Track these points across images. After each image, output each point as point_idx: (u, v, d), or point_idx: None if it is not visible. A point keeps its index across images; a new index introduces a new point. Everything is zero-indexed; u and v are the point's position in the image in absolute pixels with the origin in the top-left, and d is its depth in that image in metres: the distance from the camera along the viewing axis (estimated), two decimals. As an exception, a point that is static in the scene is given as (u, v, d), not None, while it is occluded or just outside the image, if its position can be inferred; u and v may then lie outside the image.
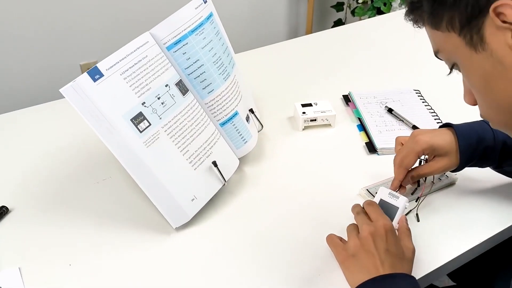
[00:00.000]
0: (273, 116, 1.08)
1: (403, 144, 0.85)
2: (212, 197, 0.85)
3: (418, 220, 0.82)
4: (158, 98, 0.78)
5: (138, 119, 0.75)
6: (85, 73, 0.71)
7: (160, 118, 0.78)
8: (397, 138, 0.86)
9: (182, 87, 0.82)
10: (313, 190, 0.89)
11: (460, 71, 0.60)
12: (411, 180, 0.81)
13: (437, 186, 0.88)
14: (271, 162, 0.96)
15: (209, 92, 0.87)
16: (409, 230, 0.75)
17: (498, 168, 0.85)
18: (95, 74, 0.71)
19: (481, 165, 0.84)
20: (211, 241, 0.79)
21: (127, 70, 0.75)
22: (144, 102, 0.76)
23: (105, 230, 0.80)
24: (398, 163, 0.82)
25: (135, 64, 0.76)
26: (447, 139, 0.81)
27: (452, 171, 0.83)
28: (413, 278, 0.68)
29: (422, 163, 0.84)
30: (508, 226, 0.83)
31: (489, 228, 0.82)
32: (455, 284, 1.04)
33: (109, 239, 0.79)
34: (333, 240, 0.74)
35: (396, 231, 0.74)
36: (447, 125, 0.83)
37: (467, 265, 0.83)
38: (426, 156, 0.84)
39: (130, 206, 0.85)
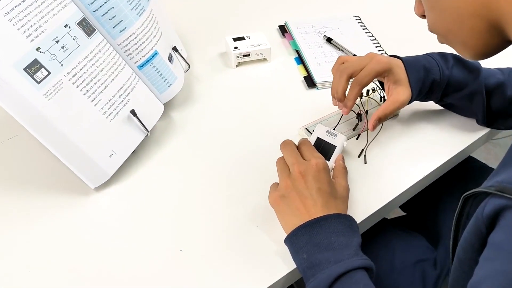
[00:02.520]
0: (202, 53, 0.98)
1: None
2: (136, 149, 0.76)
3: (365, 162, 0.77)
4: (57, 42, 0.66)
5: (33, 67, 0.64)
6: (-43, 16, 0.58)
7: (62, 65, 0.67)
8: (339, 57, 0.79)
9: (87, 27, 0.71)
10: (249, 133, 0.82)
11: None
12: (377, 123, 0.74)
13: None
14: (202, 105, 0.87)
15: (121, 31, 0.75)
16: (345, 168, 0.70)
17: (439, 102, 0.82)
18: (-30, 16, 0.59)
19: (425, 99, 0.81)
20: (137, 198, 0.71)
21: (12, 9, 0.62)
22: (39, 48, 0.64)
23: (13, 197, 0.71)
24: (357, 81, 0.73)
25: (22, 2, 0.63)
26: (401, 67, 0.76)
27: None
28: (347, 216, 0.63)
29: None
30: (455, 155, 0.79)
31: (436, 157, 0.78)
32: (405, 214, 1.01)
33: (19, 207, 0.70)
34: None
35: (332, 170, 0.70)
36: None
37: (417, 194, 0.80)
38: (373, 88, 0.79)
39: (42, 167, 0.75)
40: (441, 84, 0.76)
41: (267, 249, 0.65)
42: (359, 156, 0.77)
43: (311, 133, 0.79)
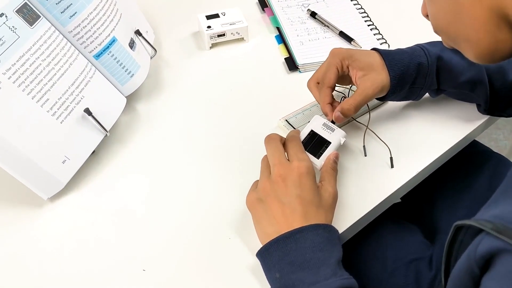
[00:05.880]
0: (172, 34, 0.88)
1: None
2: (96, 149, 0.68)
3: (365, 155, 0.69)
4: (-9, 35, 0.57)
5: (-37, 67, 0.55)
6: None
7: (-1, 62, 0.58)
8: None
9: (29, 14, 0.61)
10: (223, 126, 0.73)
11: None
12: (342, 116, 0.65)
13: (366, 108, 0.73)
14: (170, 94, 0.78)
15: (71, 16, 0.66)
16: (334, 170, 0.62)
17: (440, 91, 0.72)
18: None
19: (420, 90, 0.71)
20: (97, 206, 0.64)
21: None
22: (-31, 43, 0.56)
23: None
24: (315, 82, 0.68)
25: None
26: (369, 54, 0.67)
27: (383, 98, 0.69)
28: (327, 226, 0.56)
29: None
30: (453, 145, 0.71)
31: (434, 148, 0.70)
32: (399, 201, 0.94)
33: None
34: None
35: (320, 169, 0.62)
36: None
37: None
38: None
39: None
40: (431, 67, 0.67)
41: (240, 264, 0.58)
42: (365, 155, 0.69)
43: (292, 126, 0.71)
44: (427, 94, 0.73)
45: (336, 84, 0.68)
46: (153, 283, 0.56)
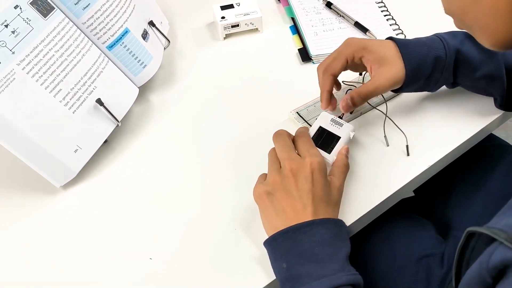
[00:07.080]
0: (188, 24, 0.89)
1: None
2: (109, 139, 0.69)
3: (387, 145, 0.69)
4: (6, 26, 0.59)
5: (-22, 58, 0.57)
6: None
7: (13, 53, 0.59)
8: None
9: (43, 6, 0.62)
10: (234, 118, 0.73)
11: None
12: (351, 104, 0.65)
13: (380, 99, 0.73)
14: (185, 86, 0.79)
15: (85, 8, 0.67)
16: (346, 166, 0.62)
17: (455, 84, 0.70)
18: None
19: (436, 84, 0.69)
20: (108, 196, 0.65)
21: None
22: (-16, 34, 0.57)
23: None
24: (323, 68, 0.67)
25: (-41, -18, 0.55)
26: (385, 45, 0.66)
27: (397, 90, 0.68)
28: (337, 221, 0.56)
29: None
30: (471, 136, 0.70)
31: (449, 141, 0.69)
32: (413, 195, 0.93)
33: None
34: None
35: (332, 164, 0.62)
36: None
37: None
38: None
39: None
40: (448, 61, 0.66)
41: (245, 256, 0.58)
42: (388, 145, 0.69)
43: (303, 118, 0.71)
44: (443, 86, 0.72)
45: (345, 82, 0.68)
46: (160, 272, 0.57)
